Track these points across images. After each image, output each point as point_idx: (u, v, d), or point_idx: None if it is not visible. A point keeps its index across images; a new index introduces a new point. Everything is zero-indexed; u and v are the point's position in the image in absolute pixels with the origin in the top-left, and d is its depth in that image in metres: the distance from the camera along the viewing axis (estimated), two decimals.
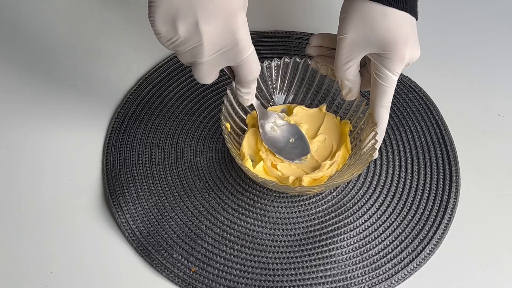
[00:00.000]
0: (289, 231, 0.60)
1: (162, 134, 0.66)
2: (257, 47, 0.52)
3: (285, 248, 0.59)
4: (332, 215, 0.61)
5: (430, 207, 0.62)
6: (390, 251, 0.59)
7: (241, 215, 0.61)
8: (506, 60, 0.75)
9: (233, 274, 0.57)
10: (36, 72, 0.71)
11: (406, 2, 0.55)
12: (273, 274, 0.57)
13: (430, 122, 0.68)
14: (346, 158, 0.62)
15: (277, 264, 0.58)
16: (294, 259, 0.58)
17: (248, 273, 0.57)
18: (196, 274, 0.57)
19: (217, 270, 0.57)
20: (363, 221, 0.61)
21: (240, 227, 0.60)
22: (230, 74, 0.54)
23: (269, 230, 0.60)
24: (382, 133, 0.59)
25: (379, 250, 0.59)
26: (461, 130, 0.68)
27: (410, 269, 0.58)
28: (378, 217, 0.61)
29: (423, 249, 0.59)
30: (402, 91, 0.70)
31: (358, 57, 0.56)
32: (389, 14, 0.54)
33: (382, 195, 0.62)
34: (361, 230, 0.60)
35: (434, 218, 0.61)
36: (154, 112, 0.68)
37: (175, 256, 0.58)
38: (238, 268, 0.58)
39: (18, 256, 0.58)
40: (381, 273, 0.58)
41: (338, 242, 0.59)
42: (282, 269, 0.58)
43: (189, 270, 0.57)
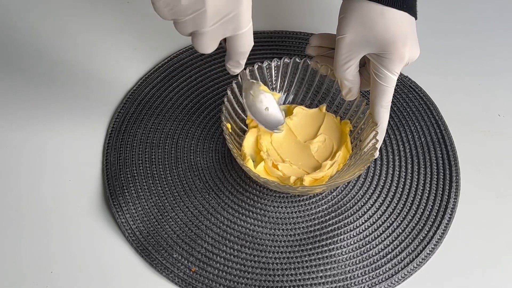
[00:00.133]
0: (289, 231, 0.60)
1: (162, 134, 0.66)
2: (257, 47, 0.52)
3: (285, 248, 0.59)
4: (332, 215, 0.61)
5: (430, 207, 0.62)
6: (390, 251, 0.59)
7: (241, 215, 0.61)
8: (506, 60, 0.75)
9: (233, 274, 0.57)
10: (36, 72, 0.71)
11: (405, 1, 0.54)
12: (273, 274, 0.57)
13: (430, 122, 0.68)
14: (346, 158, 0.62)
15: (277, 264, 0.58)
16: (294, 259, 0.58)
17: (248, 273, 0.57)
18: (196, 274, 0.57)
19: (217, 270, 0.57)
20: (363, 221, 0.61)
21: (240, 227, 0.60)
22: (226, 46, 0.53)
23: (269, 230, 0.60)
24: (382, 133, 0.59)
25: (379, 250, 0.59)
26: (461, 130, 0.68)
27: (410, 269, 0.58)
28: (378, 217, 0.61)
29: (423, 249, 0.59)
30: (402, 91, 0.70)
31: (357, 57, 0.56)
32: (387, 14, 0.54)
33: (382, 195, 0.62)
34: (361, 230, 0.60)
35: (434, 218, 0.61)
36: (154, 112, 0.68)
37: (175, 256, 0.58)
38: (238, 268, 0.58)
39: (18, 256, 0.58)
40: (381, 273, 0.58)
41: (338, 242, 0.59)
42: (282, 269, 0.58)
43: (189, 270, 0.57)
